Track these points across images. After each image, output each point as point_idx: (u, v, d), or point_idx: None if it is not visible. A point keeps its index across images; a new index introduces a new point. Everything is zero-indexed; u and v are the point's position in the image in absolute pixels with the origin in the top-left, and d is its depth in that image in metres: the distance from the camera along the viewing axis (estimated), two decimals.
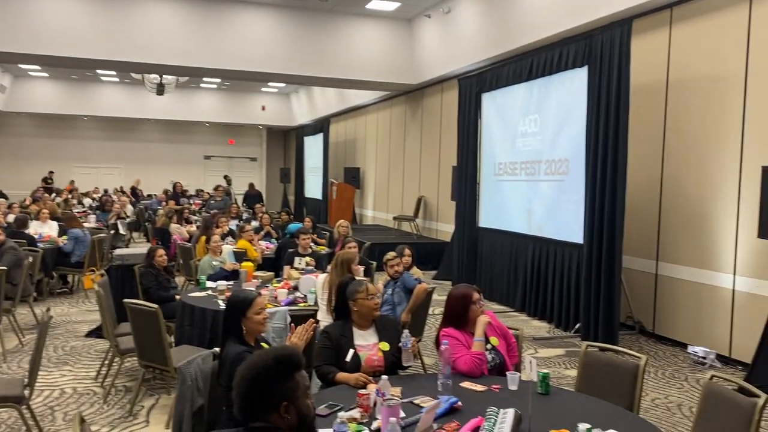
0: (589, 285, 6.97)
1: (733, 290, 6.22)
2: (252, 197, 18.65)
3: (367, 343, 3.46)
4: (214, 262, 6.64)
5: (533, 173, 8.49)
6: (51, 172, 22.58)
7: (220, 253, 6.96)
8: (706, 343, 6.43)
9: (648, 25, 7.25)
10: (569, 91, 7.68)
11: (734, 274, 6.22)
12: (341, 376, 3.23)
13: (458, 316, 3.52)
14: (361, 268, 5.54)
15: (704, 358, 6.17)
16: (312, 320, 3.25)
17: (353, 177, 16.98)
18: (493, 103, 9.48)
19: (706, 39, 6.58)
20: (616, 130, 6.67)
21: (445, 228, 12.40)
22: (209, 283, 5.84)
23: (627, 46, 6.51)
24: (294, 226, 9.84)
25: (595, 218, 6.90)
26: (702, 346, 6.36)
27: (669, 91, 7.05)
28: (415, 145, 14.16)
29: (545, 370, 3.09)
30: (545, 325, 7.86)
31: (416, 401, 2.87)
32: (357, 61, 12.62)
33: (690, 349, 6.39)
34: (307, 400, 1.97)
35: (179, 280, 7.48)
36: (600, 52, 6.90)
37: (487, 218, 9.66)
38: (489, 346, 3.45)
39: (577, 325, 7.27)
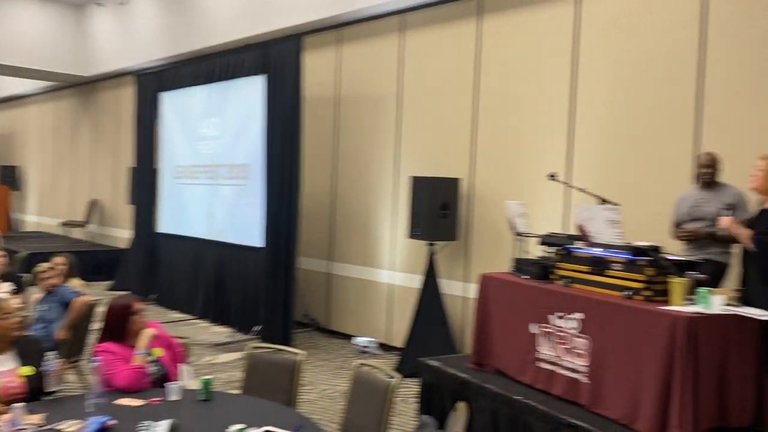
0: (268, 287, 7.19)
1: (391, 284, 7.04)
2: None
3: (2, 369, 3.01)
4: None
5: (214, 177, 8.44)
6: None
7: None
8: (369, 333, 7.14)
9: (320, 42, 7.79)
10: (248, 97, 7.82)
11: (391, 270, 7.04)
12: None
13: (117, 328, 3.29)
14: (6, 284, 4.82)
15: (367, 347, 6.86)
16: None
17: (9, 177, 14.78)
18: (172, 103, 9.15)
19: (368, 60, 7.33)
20: (291, 138, 7.01)
21: (122, 234, 11.54)
22: None
23: (298, 59, 6.89)
24: None
25: (273, 222, 7.15)
26: (366, 336, 7.06)
27: (340, 104, 7.67)
28: (86, 143, 12.90)
29: (208, 377, 3.07)
30: (226, 330, 7.86)
31: (60, 427, 2.59)
32: (14, 46, 11.00)
33: (354, 340, 7.04)
34: None
35: None
36: (275, 62, 7.18)
37: (167, 223, 9.28)
38: (151, 358, 3.29)
39: (257, 327, 7.43)
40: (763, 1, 4.44)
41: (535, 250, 4.62)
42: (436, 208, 6.03)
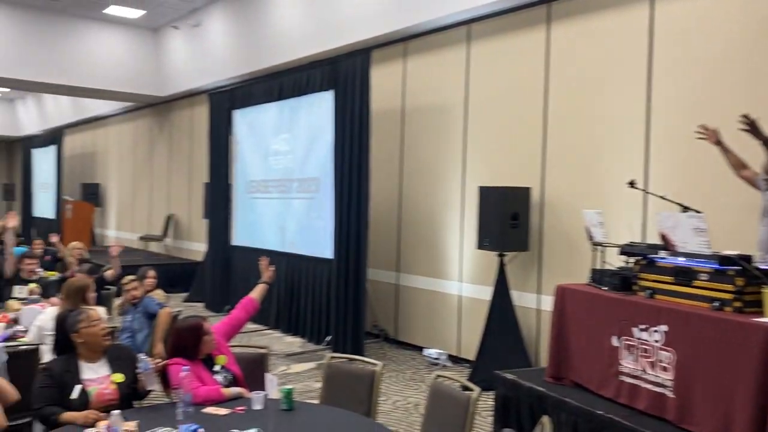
0: (338, 298, 7.28)
1: (460, 296, 6.99)
2: None
3: (96, 376, 3.15)
4: None
5: (286, 191, 8.63)
6: None
7: None
8: (439, 345, 7.10)
9: (386, 56, 7.87)
10: (317, 112, 7.98)
11: (460, 281, 6.99)
12: (67, 416, 2.90)
13: (189, 348, 3.31)
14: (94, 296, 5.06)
15: (437, 359, 6.82)
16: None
17: (92, 194, 15.54)
18: (244, 120, 9.44)
19: (434, 71, 7.34)
20: (359, 152, 7.10)
21: (196, 247, 11.94)
22: None
23: (367, 73, 6.99)
24: (19, 249, 8.64)
25: (343, 234, 7.24)
26: (436, 348, 7.02)
27: (405, 116, 7.71)
28: (163, 161, 13.45)
29: (289, 386, 3.12)
30: (298, 340, 7.99)
31: None
32: (95, 69, 11.62)
33: (425, 351, 7.01)
34: None
35: None
36: (344, 77, 7.31)
37: (241, 236, 9.54)
38: (218, 368, 3.36)
39: (328, 338, 7.52)
40: None
41: (613, 261, 4.49)
42: (506, 219, 5.95)
